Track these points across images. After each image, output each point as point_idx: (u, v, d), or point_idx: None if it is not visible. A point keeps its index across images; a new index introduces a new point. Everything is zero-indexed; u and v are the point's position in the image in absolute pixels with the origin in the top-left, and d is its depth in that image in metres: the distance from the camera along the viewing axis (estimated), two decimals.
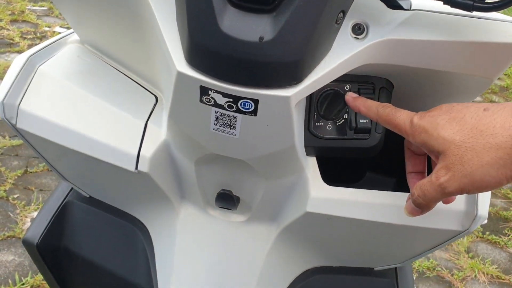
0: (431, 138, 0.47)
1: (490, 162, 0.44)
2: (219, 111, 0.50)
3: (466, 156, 0.45)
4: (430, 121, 0.48)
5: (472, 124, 0.45)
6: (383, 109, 0.53)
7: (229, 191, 0.65)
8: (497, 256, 2.22)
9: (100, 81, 0.67)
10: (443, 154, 0.46)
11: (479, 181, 0.45)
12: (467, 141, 0.45)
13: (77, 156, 0.67)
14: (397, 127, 0.51)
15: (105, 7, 0.62)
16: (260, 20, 0.44)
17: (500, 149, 0.43)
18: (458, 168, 0.45)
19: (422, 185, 0.49)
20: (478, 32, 0.52)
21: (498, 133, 0.43)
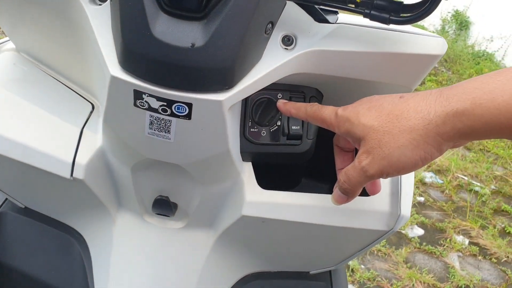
0: (353, 126, 0.50)
1: (405, 144, 0.47)
2: (153, 115, 0.51)
3: (383, 139, 0.48)
4: (352, 111, 0.51)
5: (389, 110, 0.48)
6: (310, 107, 0.57)
7: (166, 197, 0.66)
8: (433, 265, 2.32)
9: (35, 89, 0.67)
10: (364, 139, 0.49)
11: (396, 162, 0.48)
12: (384, 126, 0.48)
13: (11, 164, 0.66)
14: (324, 121, 0.54)
15: (40, 15, 0.62)
16: (191, 27, 0.46)
17: (413, 131, 0.46)
18: (377, 151, 0.48)
19: (346, 170, 0.52)
20: (395, 44, 0.56)
21: (411, 117, 0.47)
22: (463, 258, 2.41)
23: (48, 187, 0.72)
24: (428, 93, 0.48)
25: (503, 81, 0.43)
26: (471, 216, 2.76)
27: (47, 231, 0.79)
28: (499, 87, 0.43)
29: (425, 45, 0.57)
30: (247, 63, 0.51)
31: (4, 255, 0.80)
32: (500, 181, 3.23)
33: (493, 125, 0.44)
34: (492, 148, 3.76)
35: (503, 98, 0.42)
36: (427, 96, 0.47)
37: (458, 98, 0.45)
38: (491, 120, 0.43)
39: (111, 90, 0.51)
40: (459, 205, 2.87)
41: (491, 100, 0.43)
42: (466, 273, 2.30)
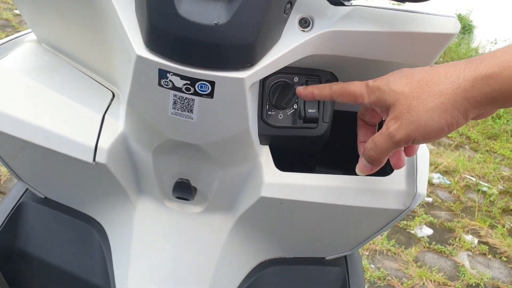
0: (383, 93, 0.51)
1: (433, 108, 0.48)
2: (177, 94, 0.53)
3: (412, 104, 0.49)
4: (383, 81, 0.53)
5: (419, 76, 0.50)
6: (335, 85, 0.58)
7: (187, 180, 0.67)
8: (443, 264, 2.31)
9: (57, 77, 0.69)
10: (393, 105, 0.50)
11: (423, 126, 0.48)
12: (414, 91, 0.49)
13: (34, 150, 0.67)
14: (353, 94, 0.55)
15: (62, 4, 0.64)
16: (215, 6, 0.48)
17: (442, 95, 0.47)
18: (405, 116, 0.49)
19: (373, 137, 0.53)
20: (410, 24, 0.58)
21: (441, 81, 0.48)
22: (473, 257, 2.40)
23: (69, 175, 0.73)
24: (458, 61, 0.49)
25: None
26: (479, 215, 2.76)
27: (67, 221, 0.81)
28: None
29: (438, 25, 0.59)
30: (267, 42, 0.52)
31: (25, 244, 0.81)
32: (508, 181, 3.23)
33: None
34: (498, 149, 3.76)
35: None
36: (457, 63, 0.49)
37: (486, 62, 0.46)
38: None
39: (136, 70, 0.53)
40: (467, 205, 2.87)
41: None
42: (476, 271, 2.29)
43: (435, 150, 3.56)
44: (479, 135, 4.00)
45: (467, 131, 4.01)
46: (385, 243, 2.35)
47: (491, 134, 4.03)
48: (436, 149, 3.58)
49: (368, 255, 2.27)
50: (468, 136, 3.95)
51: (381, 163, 0.55)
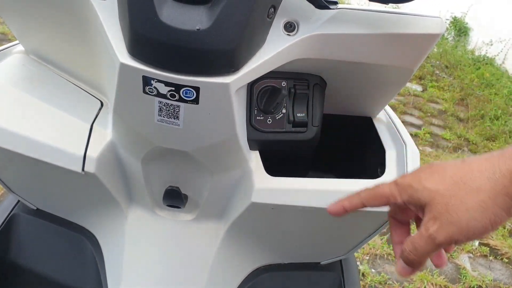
0: (416, 191, 0.48)
1: (474, 206, 0.45)
2: (162, 101, 0.53)
3: (450, 202, 0.46)
4: (413, 177, 0.50)
5: (452, 172, 0.47)
6: (364, 192, 0.54)
7: (177, 187, 0.67)
8: (444, 267, 2.30)
9: (45, 87, 0.69)
10: (429, 205, 0.48)
11: (465, 226, 0.45)
12: (449, 189, 0.46)
13: (24, 162, 0.67)
14: (383, 196, 0.52)
15: (49, 16, 0.64)
16: (197, 11, 0.48)
17: (480, 192, 0.45)
18: (445, 216, 0.46)
19: (412, 239, 0.49)
20: (395, 25, 0.58)
21: (476, 177, 0.46)
22: (474, 259, 2.39)
23: (60, 185, 0.73)
24: (489, 154, 0.47)
25: None
26: None
27: (59, 232, 0.81)
28: None
29: (423, 25, 0.58)
30: (251, 46, 0.52)
31: (18, 256, 0.81)
32: None
33: None
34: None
35: None
36: (489, 156, 0.47)
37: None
38: None
39: (121, 78, 0.53)
40: None
41: None
42: (477, 273, 2.28)
43: (434, 153, 3.55)
44: (478, 136, 4.00)
45: (466, 133, 4.01)
46: (385, 247, 2.34)
47: (489, 136, 4.03)
48: (434, 152, 3.58)
49: (369, 259, 2.25)
50: (467, 137, 3.94)
51: (422, 264, 0.50)
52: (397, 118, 0.75)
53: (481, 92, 4.82)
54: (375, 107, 0.74)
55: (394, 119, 0.75)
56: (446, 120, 4.27)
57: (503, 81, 5.10)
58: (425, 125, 4.05)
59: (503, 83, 5.01)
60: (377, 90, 0.69)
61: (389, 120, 0.75)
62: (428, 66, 5.34)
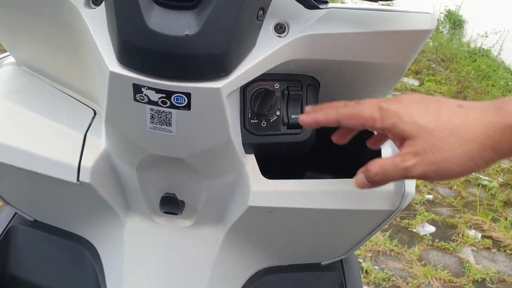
0: (403, 122, 0.48)
1: (461, 154, 0.46)
2: (153, 108, 0.52)
3: (437, 145, 0.47)
4: (402, 107, 0.49)
5: (448, 117, 0.48)
6: (343, 107, 0.54)
7: (173, 194, 0.66)
8: (448, 261, 2.30)
9: (37, 98, 0.68)
10: (413, 139, 0.48)
11: (445, 169, 0.47)
12: (440, 132, 0.47)
13: (18, 174, 0.67)
14: (362, 117, 0.51)
15: (38, 26, 0.64)
16: (184, 16, 0.47)
17: (471, 143, 0.46)
18: (428, 155, 0.47)
19: (383, 165, 0.50)
20: (386, 23, 0.57)
21: (470, 129, 0.46)
22: (477, 252, 2.39)
23: (56, 196, 0.72)
24: (485, 107, 0.47)
25: None
26: (481, 210, 2.74)
27: (57, 242, 0.80)
28: None
29: (414, 22, 0.58)
30: (241, 50, 0.52)
31: (17, 269, 0.80)
32: (508, 173, 3.22)
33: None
34: None
35: None
36: (485, 109, 0.47)
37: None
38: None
39: (111, 87, 0.52)
40: (469, 200, 2.86)
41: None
42: (481, 266, 2.28)
43: None
44: None
45: None
46: (387, 243, 2.34)
47: None
48: None
49: (371, 256, 2.25)
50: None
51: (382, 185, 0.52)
52: None
53: (478, 84, 4.82)
54: None
55: None
56: None
57: (500, 72, 5.10)
58: None
59: (499, 74, 5.01)
60: (371, 88, 0.68)
61: None
62: (424, 60, 5.34)
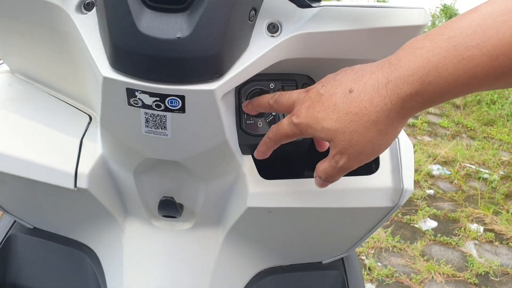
0: (316, 131, 0.51)
1: (375, 136, 0.49)
2: (148, 112, 0.52)
3: (353, 138, 0.49)
4: (310, 116, 0.52)
5: (346, 109, 0.49)
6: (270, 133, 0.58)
7: (171, 197, 0.66)
8: (451, 256, 2.30)
9: (32, 105, 0.68)
10: (333, 141, 0.51)
11: (371, 152, 0.50)
12: (348, 126, 0.49)
13: (16, 182, 0.67)
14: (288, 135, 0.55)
15: (31, 33, 0.63)
16: (176, 19, 0.47)
17: (377, 123, 0.48)
18: (351, 150, 0.50)
19: (325, 170, 0.54)
20: (379, 19, 0.57)
21: (371, 112, 0.48)
22: (480, 246, 2.39)
23: (54, 203, 0.72)
24: (375, 81, 0.48)
25: (442, 52, 0.44)
26: (482, 203, 2.74)
27: (57, 249, 0.80)
28: (441, 60, 0.44)
29: (408, 17, 0.58)
30: (234, 51, 0.52)
31: (17, 277, 0.80)
32: (508, 166, 3.22)
33: (447, 95, 0.46)
34: (496, 135, 3.75)
35: (448, 71, 0.44)
36: (376, 86, 0.48)
37: (406, 81, 0.46)
38: (444, 92, 0.45)
39: (105, 92, 0.52)
40: (470, 194, 2.85)
41: (438, 76, 0.44)
42: (484, 260, 2.27)
43: (432, 142, 3.55)
44: (475, 122, 4.00)
45: (463, 119, 4.01)
46: (390, 240, 2.34)
47: (487, 121, 4.02)
48: (433, 140, 3.57)
49: (374, 253, 2.25)
50: (464, 124, 3.94)
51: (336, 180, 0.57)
52: None
53: None
54: None
55: None
56: (443, 108, 4.27)
57: None
58: (422, 115, 4.04)
59: None
60: None
61: None
62: None
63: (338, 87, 0.51)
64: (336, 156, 0.52)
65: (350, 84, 0.50)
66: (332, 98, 0.51)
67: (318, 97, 0.52)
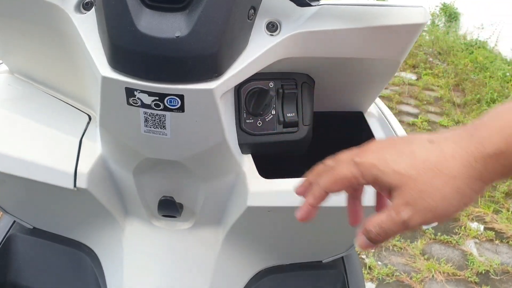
0: (384, 174, 0.46)
1: (451, 193, 0.44)
2: (147, 112, 0.52)
3: (426, 190, 0.44)
4: (377, 157, 0.47)
5: (423, 157, 0.45)
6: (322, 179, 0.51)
7: (171, 197, 0.66)
8: (451, 254, 2.30)
9: (32, 105, 0.68)
10: (400, 189, 0.45)
11: (442, 212, 0.45)
12: (423, 175, 0.45)
13: (15, 182, 0.67)
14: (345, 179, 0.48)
15: (29, 33, 0.63)
16: (174, 18, 0.47)
17: (457, 179, 0.44)
18: (420, 202, 0.45)
19: (382, 223, 0.47)
20: (378, 18, 0.57)
21: (451, 165, 0.44)
22: (480, 244, 2.38)
23: (54, 203, 0.72)
24: (458, 136, 0.45)
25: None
26: (483, 201, 2.74)
27: (57, 249, 0.80)
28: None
29: (407, 16, 0.58)
30: (233, 50, 0.51)
31: (17, 277, 0.80)
32: None
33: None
34: None
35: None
36: (459, 140, 0.45)
37: (490, 140, 0.43)
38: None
39: (104, 91, 0.52)
40: None
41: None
42: (485, 258, 2.27)
43: None
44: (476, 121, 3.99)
45: (463, 118, 4.01)
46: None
47: None
48: None
49: (374, 252, 2.25)
50: (465, 123, 3.94)
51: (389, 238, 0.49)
52: (388, 110, 0.75)
53: (476, 76, 4.81)
54: (365, 101, 0.73)
55: (385, 112, 0.74)
56: (443, 106, 4.26)
57: (497, 63, 5.09)
58: (422, 113, 4.04)
59: (497, 66, 5.00)
60: (366, 84, 0.68)
61: (380, 114, 0.74)
62: (421, 54, 5.34)
63: (417, 138, 0.47)
64: (400, 207, 0.45)
65: (430, 137, 0.47)
66: (409, 144, 0.47)
67: (390, 143, 0.48)
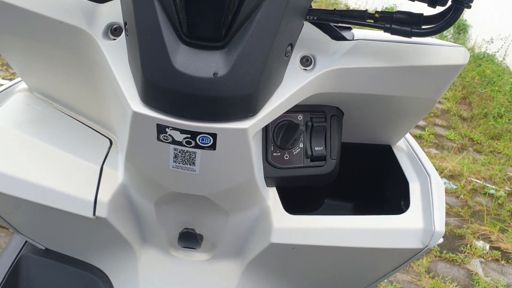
0: None
1: None
2: (177, 148, 0.50)
3: None
4: None
5: None
6: None
7: (192, 229, 0.64)
8: (456, 273, 2.27)
9: (51, 128, 0.66)
10: None
11: None
12: None
13: (31, 207, 0.64)
14: None
15: (53, 54, 0.61)
16: (213, 56, 0.45)
17: None
18: None
19: None
20: (418, 57, 0.55)
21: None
22: (486, 264, 2.36)
23: (69, 227, 0.70)
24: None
25: None
26: (489, 219, 2.71)
27: (69, 272, 0.78)
28: None
29: (446, 56, 0.56)
30: (269, 88, 0.49)
31: None
32: None
33: None
34: (502, 149, 3.72)
35: None
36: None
37: None
38: None
39: (133, 126, 0.50)
40: (476, 210, 2.83)
41: None
42: (490, 279, 2.25)
43: (439, 154, 3.52)
44: (482, 136, 3.97)
45: (470, 132, 3.98)
46: None
47: (494, 134, 3.99)
48: (440, 153, 3.55)
49: None
50: (471, 137, 3.91)
51: None
52: (418, 146, 0.72)
53: (483, 90, 4.79)
54: (394, 136, 0.71)
55: (415, 147, 0.72)
56: (450, 120, 4.24)
57: (505, 78, 5.07)
58: (429, 126, 4.02)
59: (505, 80, 4.98)
60: (398, 120, 0.66)
61: (409, 149, 0.72)
62: None
63: None
64: None
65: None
66: None
67: None
